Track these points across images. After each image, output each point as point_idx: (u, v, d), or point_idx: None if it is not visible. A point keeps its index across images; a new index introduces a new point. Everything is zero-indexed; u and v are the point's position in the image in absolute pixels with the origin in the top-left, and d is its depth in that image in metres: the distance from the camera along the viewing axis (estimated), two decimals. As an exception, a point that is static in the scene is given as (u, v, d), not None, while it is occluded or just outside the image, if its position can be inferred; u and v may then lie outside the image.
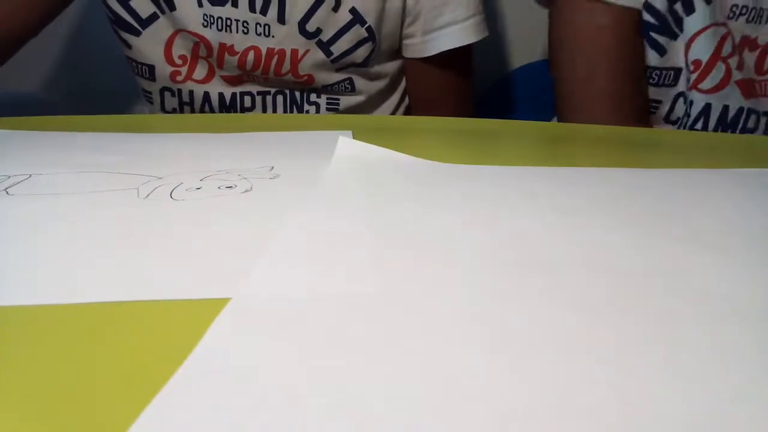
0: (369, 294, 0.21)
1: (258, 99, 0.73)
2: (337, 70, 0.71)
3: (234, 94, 0.73)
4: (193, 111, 0.75)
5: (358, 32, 0.68)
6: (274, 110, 0.74)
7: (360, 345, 0.18)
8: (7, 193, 0.31)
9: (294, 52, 0.69)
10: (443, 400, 0.15)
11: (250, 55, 0.69)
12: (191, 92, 0.73)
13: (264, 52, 0.69)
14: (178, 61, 0.72)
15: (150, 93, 0.75)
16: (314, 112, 0.74)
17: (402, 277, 0.22)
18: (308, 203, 0.29)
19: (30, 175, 0.34)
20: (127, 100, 0.81)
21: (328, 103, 0.74)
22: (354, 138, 0.40)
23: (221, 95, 0.73)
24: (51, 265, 0.23)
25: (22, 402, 0.16)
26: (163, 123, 0.55)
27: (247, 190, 0.32)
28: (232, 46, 0.69)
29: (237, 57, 0.69)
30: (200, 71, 0.72)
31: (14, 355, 0.18)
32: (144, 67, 0.73)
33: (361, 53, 0.69)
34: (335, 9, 0.67)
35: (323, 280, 0.22)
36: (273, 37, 0.68)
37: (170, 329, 0.19)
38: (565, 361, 0.17)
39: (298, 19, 0.67)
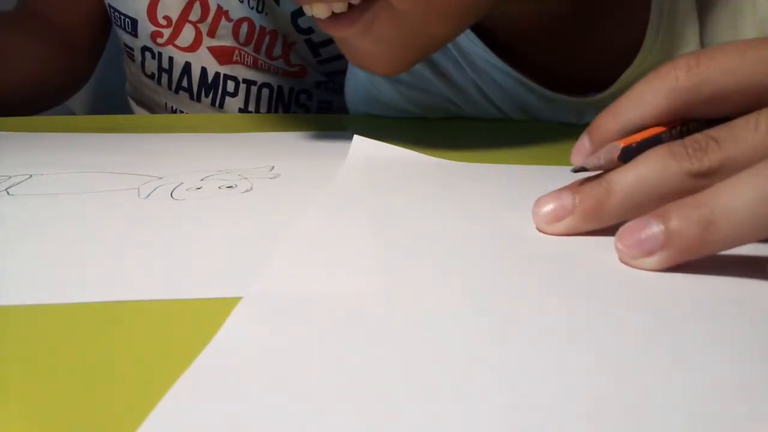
0: (381, 293, 0.21)
1: (242, 87, 0.69)
2: (324, 74, 0.70)
3: (217, 74, 0.68)
4: (170, 80, 0.70)
5: None
6: (257, 104, 0.70)
7: (372, 344, 0.18)
8: (8, 193, 0.31)
9: (286, 37, 0.67)
10: (453, 396, 0.15)
11: (244, 27, 0.66)
12: (171, 59, 0.68)
13: (257, 28, 0.66)
14: (162, 22, 0.67)
15: (132, 50, 0.71)
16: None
17: (415, 276, 0.22)
18: (322, 202, 0.29)
19: (31, 176, 0.34)
20: (127, 100, 0.81)
21: (319, 109, 0.72)
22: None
23: (204, 71, 0.68)
24: (51, 265, 0.23)
25: (22, 403, 0.16)
26: (162, 123, 0.55)
27: (247, 190, 0.32)
28: (227, 11, 0.65)
29: (232, 24, 0.66)
30: (186, 37, 0.67)
31: (14, 355, 0.18)
32: (127, 19, 0.68)
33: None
34: None
35: (336, 280, 0.22)
36: (266, 14, 0.65)
37: (172, 329, 0.19)
38: (569, 356, 0.17)
39: (292, 9, 0.65)
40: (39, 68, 0.66)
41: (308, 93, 0.71)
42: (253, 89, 0.69)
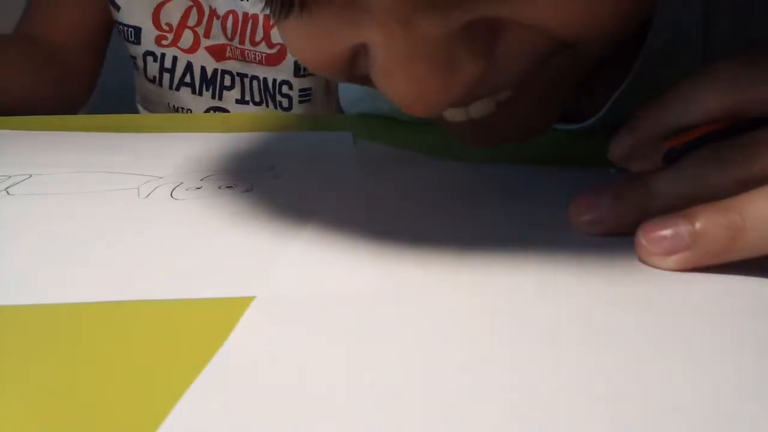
0: (393, 293, 0.21)
1: (237, 80, 0.77)
2: None
3: (215, 70, 0.77)
4: (172, 79, 0.77)
5: None
6: (251, 96, 0.77)
7: (385, 342, 0.18)
8: (8, 193, 0.31)
9: (266, 17, 0.72)
10: (472, 396, 0.15)
11: (230, 19, 0.73)
12: (175, 58, 0.76)
13: (240, 16, 0.73)
14: (165, 28, 0.76)
15: (135, 58, 0.77)
16: (287, 104, 0.76)
17: (425, 276, 0.22)
18: (327, 202, 0.29)
19: (30, 175, 0.34)
20: (127, 100, 0.81)
21: (300, 96, 0.77)
22: (354, 139, 0.40)
23: (203, 69, 0.76)
24: (51, 265, 0.23)
25: (22, 403, 0.16)
26: (162, 123, 0.55)
27: (247, 190, 0.32)
28: (215, 9, 0.73)
29: (221, 21, 0.73)
30: (186, 40, 0.75)
31: (14, 355, 0.18)
32: (130, 29, 0.75)
33: None
34: None
35: (346, 280, 0.22)
36: (248, 0, 0.72)
37: (170, 329, 0.19)
38: (579, 356, 0.17)
39: None
40: (28, 94, 0.67)
41: (289, 83, 0.76)
42: (246, 81, 0.77)
